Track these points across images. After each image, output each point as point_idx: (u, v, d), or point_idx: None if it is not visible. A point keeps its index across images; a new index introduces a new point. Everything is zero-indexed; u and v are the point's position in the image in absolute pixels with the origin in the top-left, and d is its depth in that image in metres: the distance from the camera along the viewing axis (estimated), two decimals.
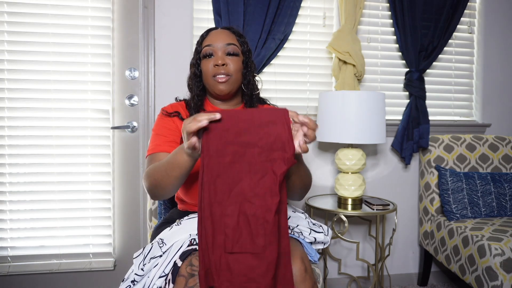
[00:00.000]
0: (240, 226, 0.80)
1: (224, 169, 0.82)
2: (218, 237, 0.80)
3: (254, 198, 0.81)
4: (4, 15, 1.79)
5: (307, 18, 2.04)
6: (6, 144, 1.81)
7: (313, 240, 1.11)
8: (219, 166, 0.82)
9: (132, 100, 1.90)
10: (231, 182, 0.82)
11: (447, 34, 2.09)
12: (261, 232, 0.80)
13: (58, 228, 1.87)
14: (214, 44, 1.15)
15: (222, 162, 0.82)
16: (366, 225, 2.12)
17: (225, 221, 0.80)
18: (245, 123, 0.83)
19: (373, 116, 1.66)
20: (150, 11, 1.86)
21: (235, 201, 0.81)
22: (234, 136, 0.82)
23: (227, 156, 0.82)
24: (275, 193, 0.81)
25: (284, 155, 0.83)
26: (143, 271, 0.98)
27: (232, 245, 0.79)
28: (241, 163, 0.83)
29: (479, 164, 2.04)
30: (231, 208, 0.81)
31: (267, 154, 0.83)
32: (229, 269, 0.79)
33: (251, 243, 0.79)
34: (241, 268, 0.79)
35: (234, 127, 0.83)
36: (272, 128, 0.83)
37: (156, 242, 1.01)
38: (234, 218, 0.80)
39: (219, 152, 0.82)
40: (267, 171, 0.82)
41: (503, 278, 1.49)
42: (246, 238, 0.80)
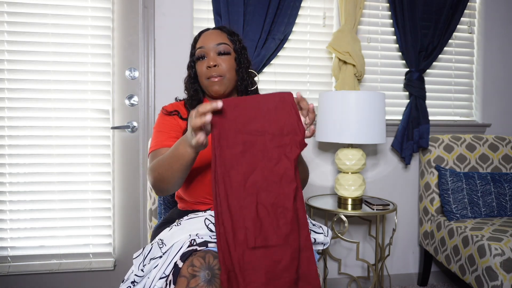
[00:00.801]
0: (260, 217, 0.77)
1: (237, 160, 0.79)
2: (238, 232, 0.75)
3: (271, 186, 0.78)
4: (4, 15, 1.79)
5: (307, 18, 2.04)
6: (6, 144, 1.81)
7: (313, 241, 1.11)
8: (231, 157, 0.78)
9: (132, 100, 1.90)
10: (245, 172, 0.78)
11: (447, 34, 2.09)
12: (282, 220, 0.77)
13: (58, 228, 1.87)
14: (206, 45, 1.17)
15: (234, 153, 0.78)
16: (366, 225, 2.12)
17: (244, 214, 0.76)
18: (252, 110, 0.80)
19: (373, 116, 1.66)
20: (150, 11, 1.86)
21: (251, 192, 0.78)
22: (243, 125, 0.79)
23: (238, 146, 0.79)
24: (291, 178, 0.79)
25: (296, 138, 0.80)
26: (143, 272, 0.97)
27: (255, 238, 0.75)
28: (253, 152, 0.80)
29: (479, 164, 2.04)
30: (248, 200, 0.77)
31: (278, 140, 0.80)
32: (254, 268, 0.75)
33: (274, 234, 0.76)
34: (266, 264, 0.75)
35: (242, 116, 0.80)
36: (280, 112, 0.81)
37: (156, 243, 1.00)
38: (252, 210, 0.76)
39: (230, 143, 0.79)
40: (280, 157, 0.80)
41: (503, 278, 1.49)
42: (268, 228, 0.76)
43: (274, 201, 0.78)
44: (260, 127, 0.80)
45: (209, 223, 1.03)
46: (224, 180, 0.77)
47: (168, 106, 1.26)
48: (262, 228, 0.76)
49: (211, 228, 1.02)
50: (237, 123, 0.79)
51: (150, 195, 1.58)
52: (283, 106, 0.82)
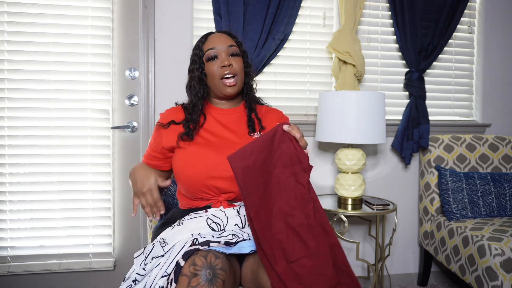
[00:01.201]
0: (291, 238, 0.90)
1: (262, 199, 0.92)
2: (276, 253, 0.89)
3: (294, 211, 0.92)
4: (4, 15, 1.79)
5: (307, 18, 2.04)
6: (6, 144, 1.81)
7: None
8: (258, 199, 0.92)
9: (132, 100, 1.90)
10: (270, 206, 0.93)
11: (447, 34, 2.09)
12: (309, 236, 0.90)
13: (58, 228, 1.87)
14: (217, 47, 1.22)
15: (259, 195, 0.92)
16: (366, 225, 2.12)
17: (278, 239, 0.90)
18: (262, 153, 0.94)
19: (373, 116, 1.66)
20: (150, 11, 1.86)
21: (278, 219, 0.92)
22: (259, 170, 0.93)
23: (261, 187, 0.93)
24: (308, 200, 0.93)
25: (302, 165, 0.94)
26: (144, 270, 0.98)
27: (291, 255, 0.89)
28: (271, 186, 0.94)
29: (479, 164, 2.04)
30: (278, 226, 0.91)
31: (289, 171, 0.94)
32: (296, 275, 0.88)
33: (305, 248, 0.90)
34: (305, 270, 0.88)
35: (258, 161, 0.93)
36: (283, 146, 0.95)
37: (158, 242, 1.01)
38: (283, 233, 0.91)
39: (254, 188, 0.92)
40: (294, 185, 0.93)
41: (503, 278, 1.49)
42: (299, 245, 0.90)
43: (300, 222, 0.91)
44: (272, 164, 0.95)
45: (211, 222, 1.04)
46: (257, 219, 0.91)
47: (165, 113, 1.29)
48: (295, 246, 0.90)
49: (213, 228, 1.03)
50: (254, 167, 0.93)
51: None
52: (283, 139, 0.95)
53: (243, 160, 0.93)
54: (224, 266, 0.89)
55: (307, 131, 2.03)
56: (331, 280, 0.89)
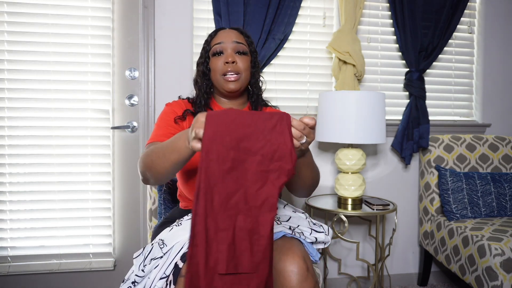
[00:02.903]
0: (236, 242, 0.73)
1: (223, 177, 0.74)
2: (210, 257, 0.72)
3: (251, 211, 0.75)
4: (4, 15, 1.79)
5: (307, 18, 2.04)
6: (6, 144, 1.81)
7: (314, 240, 1.11)
8: (218, 173, 0.74)
9: (132, 100, 1.90)
10: (228, 192, 0.74)
11: (447, 34, 2.09)
12: (256, 248, 0.74)
13: (58, 228, 1.87)
14: (224, 41, 1.18)
15: (221, 169, 0.74)
16: (366, 225, 2.12)
17: (220, 237, 0.72)
18: (249, 127, 0.77)
19: (373, 116, 1.66)
20: (150, 11, 1.86)
21: (230, 214, 0.74)
22: (237, 141, 0.76)
23: (227, 163, 0.75)
24: (272, 206, 0.75)
25: (285, 166, 0.77)
26: (143, 272, 0.97)
27: (227, 264, 0.72)
28: (240, 171, 0.76)
29: (479, 164, 2.04)
30: (227, 222, 0.73)
31: (268, 164, 0.77)
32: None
33: (246, 261, 0.73)
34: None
35: (238, 131, 0.76)
36: (276, 136, 0.78)
37: (156, 243, 1.00)
38: (229, 234, 0.73)
39: (220, 158, 0.74)
40: (266, 182, 0.76)
41: (503, 278, 1.49)
42: (240, 256, 0.73)
43: (252, 226, 0.74)
44: (253, 147, 0.77)
45: None
46: (206, 197, 0.73)
47: (173, 103, 1.24)
48: (235, 254, 0.73)
49: None
50: (231, 138, 0.75)
51: (150, 195, 1.58)
52: (280, 130, 0.78)
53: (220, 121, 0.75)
54: None
55: None
56: None
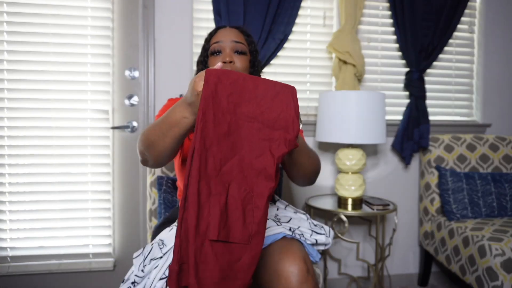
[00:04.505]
0: (228, 210, 0.70)
1: (218, 140, 0.71)
2: (202, 222, 0.68)
3: (246, 180, 0.71)
4: (4, 15, 1.79)
5: (307, 18, 2.04)
6: (6, 144, 1.81)
7: (314, 242, 1.11)
8: (213, 135, 0.71)
9: (132, 100, 1.90)
10: (223, 157, 0.71)
11: (447, 34, 2.09)
12: (249, 219, 0.70)
13: (58, 228, 1.87)
14: (223, 40, 1.15)
15: (217, 132, 0.71)
16: (366, 225, 2.12)
17: (212, 202, 0.69)
18: (248, 92, 0.73)
19: (373, 116, 1.66)
20: (150, 11, 1.86)
21: (224, 180, 0.71)
22: (234, 105, 0.72)
23: (223, 126, 0.71)
24: (270, 177, 0.71)
25: (286, 136, 0.73)
26: (143, 272, 0.97)
27: (218, 231, 0.68)
28: (237, 136, 0.72)
29: (480, 164, 2.03)
30: (220, 188, 0.70)
31: (267, 132, 0.73)
32: (210, 261, 0.68)
33: (238, 232, 0.70)
34: (223, 260, 0.68)
35: (235, 95, 0.73)
36: (277, 103, 0.74)
37: (156, 243, 1.00)
38: (222, 200, 0.70)
39: (216, 119, 0.71)
40: (264, 151, 0.72)
41: (504, 278, 1.48)
42: (233, 225, 0.70)
43: (247, 196, 0.71)
44: (252, 113, 0.73)
45: None
46: (200, 159, 0.69)
47: (176, 99, 1.27)
48: (227, 221, 0.70)
49: None
50: (228, 101, 0.72)
51: (150, 195, 1.58)
52: (283, 98, 0.74)
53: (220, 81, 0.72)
54: None
55: (307, 131, 2.03)
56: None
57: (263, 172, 0.72)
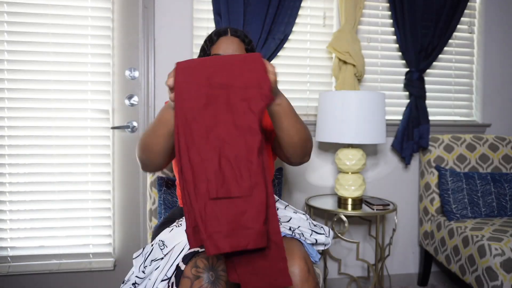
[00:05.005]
0: (223, 169, 0.75)
1: (199, 113, 0.78)
2: (200, 185, 0.74)
3: (234, 140, 0.77)
4: (4, 15, 1.79)
5: (307, 18, 2.04)
6: (6, 144, 1.81)
7: (314, 241, 1.11)
8: (193, 110, 0.78)
9: (132, 100, 1.90)
10: (207, 126, 0.77)
11: (447, 34, 2.09)
12: (245, 173, 0.75)
13: (58, 228, 1.87)
14: (224, 54, 1.13)
15: (196, 106, 0.78)
16: (366, 225, 2.12)
17: (206, 166, 0.75)
18: (216, 66, 0.81)
19: (373, 116, 1.66)
20: (150, 11, 1.86)
21: (214, 146, 0.76)
22: (206, 78, 0.79)
23: (201, 100, 0.78)
24: (255, 131, 0.77)
25: (261, 91, 0.79)
26: (144, 273, 0.97)
27: (217, 190, 0.74)
28: (217, 105, 0.79)
29: (479, 164, 2.04)
30: (211, 153, 0.76)
31: (242, 93, 0.79)
32: (216, 217, 0.73)
33: (237, 186, 0.74)
34: (229, 214, 0.73)
35: (205, 70, 0.80)
36: (246, 68, 0.81)
37: (156, 244, 1.00)
38: (215, 162, 0.75)
39: (192, 96, 0.78)
40: (245, 110, 0.78)
41: (503, 278, 1.49)
42: (230, 181, 0.75)
43: (238, 153, 0.76)
44: (225, 81, 0.80)
45: None
46: (185, 133, 0.76)
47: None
48: (224, 180, 0.75)
49: None
50: (200, 77, 0.79)
51: (150, 195, 1.58)
52: (250, 62, 0.81)
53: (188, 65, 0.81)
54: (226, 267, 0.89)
55: None
56: (257, 238, 0.73)
57: (248, 129, 0.77)
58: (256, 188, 0.75)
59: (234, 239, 0.72)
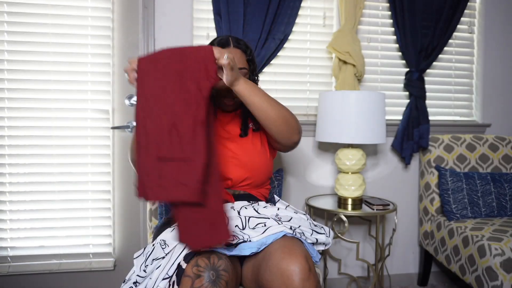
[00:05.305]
0: (171, 137, 0.91)
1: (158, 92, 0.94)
2: (150, 146, 0.92)
3: (184, 114, 0.93)
4: (4, 15, 1.79)
5: (307, 18, 2.04)
6: (6, 144, 1.81)
7: (314, 241, 1.11)
8: (153, 87, 0.95)
9: (132, 100, 1.90)
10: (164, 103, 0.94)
11: (447, 34, 2.09)
12: (189, 141, 0.90)
13: (58, 228, 1.87)
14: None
15: (156, 85, 0.95)
16: (366, 225, 2.12)
17: (158, 133, 0.92)
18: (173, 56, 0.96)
19: (373, 116, 1.66)
20: (150, 11, 1.86)
21: (167, 118, 0.92)
22: (164, 66, 0.95)
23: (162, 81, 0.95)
24: (201, 106, 0.93)
25: (207, 74, 0.95)
26: (145, 272, 0.97)
27: (164, 152, 0.91)
28: (173, 86, 0.94)
29: (479, 164, 2.04)
30: (163, 124, 0.92)
31: (193, 76, 0.95)
32: (160, 173, 0.89)
33: (181, 151, 0.90)
34: (171, 173, 0.89)
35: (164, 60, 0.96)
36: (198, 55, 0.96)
37: (158, 243, 1.01)
38: (165, 131, 0.92)
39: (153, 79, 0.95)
40: (194, 90, 0.94)
41: (503, 278, 1.49)
42: (176, 146, 0.90)
43: (185, 125, 0.92)
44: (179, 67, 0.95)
45: None
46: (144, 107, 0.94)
47: None
48: (171, 145, 0.91)
49: None
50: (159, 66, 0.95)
51: None
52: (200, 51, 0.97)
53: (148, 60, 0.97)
54: (227, 267, 0.89)
55: (307, 131, 2.03)
56: (193, 194, 0.88)
57: (196, 105, 0.93)
58: (198, 154, 0.90)
59: (173, 192, 0.89)
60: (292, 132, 1.18)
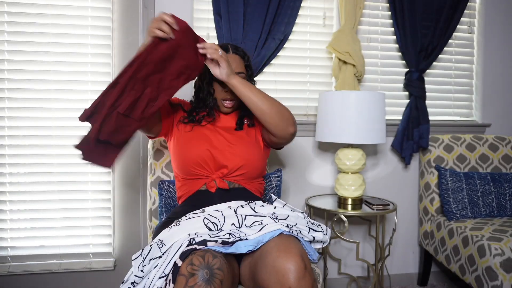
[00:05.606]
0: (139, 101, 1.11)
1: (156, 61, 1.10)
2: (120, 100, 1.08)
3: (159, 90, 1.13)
4: (4, 15, 1.79)
5: (307, 18, 2.04)
6: (6, 144, 1.81)
7: (311, 238, 1.11)
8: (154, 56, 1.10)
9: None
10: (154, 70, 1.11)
11: (447, 34, 2.09)
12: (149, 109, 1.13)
13: (58, 228, 1.87)
14: None
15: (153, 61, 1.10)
16: (366, 225, 2.12)
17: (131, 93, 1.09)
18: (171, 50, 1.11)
19: (373, 116, 1.66)
20: (150, 11, 1.86)
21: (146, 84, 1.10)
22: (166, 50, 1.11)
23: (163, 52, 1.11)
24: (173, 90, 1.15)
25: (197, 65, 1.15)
26: (142, 272, 0.98)
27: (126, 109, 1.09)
28: (168, 62, 1.11)
29: (479, 164, 2.04)
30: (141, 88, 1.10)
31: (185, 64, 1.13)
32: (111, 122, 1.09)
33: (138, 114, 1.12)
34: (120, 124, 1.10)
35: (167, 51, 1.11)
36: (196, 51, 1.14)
37: (155, 243, 1.01)
38: (138, 94, 1.10)
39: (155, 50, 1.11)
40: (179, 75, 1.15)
41: (503, 278, 1.49)
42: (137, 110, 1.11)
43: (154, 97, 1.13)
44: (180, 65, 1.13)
45: (208, 222, 1.04)
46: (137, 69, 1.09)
47: (174, 98, 1.41)
48: (135, 106, 1.10)
49: (210, 227, 1.03)
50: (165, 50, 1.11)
51: (150, 195, 1.58)
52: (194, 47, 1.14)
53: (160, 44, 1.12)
54: (222, 265, 0.89)
55: (307, 131, 2.03)
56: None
57: (173, 88, 1.15)
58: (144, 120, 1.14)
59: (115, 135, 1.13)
60: (287, 123, 1.25)
